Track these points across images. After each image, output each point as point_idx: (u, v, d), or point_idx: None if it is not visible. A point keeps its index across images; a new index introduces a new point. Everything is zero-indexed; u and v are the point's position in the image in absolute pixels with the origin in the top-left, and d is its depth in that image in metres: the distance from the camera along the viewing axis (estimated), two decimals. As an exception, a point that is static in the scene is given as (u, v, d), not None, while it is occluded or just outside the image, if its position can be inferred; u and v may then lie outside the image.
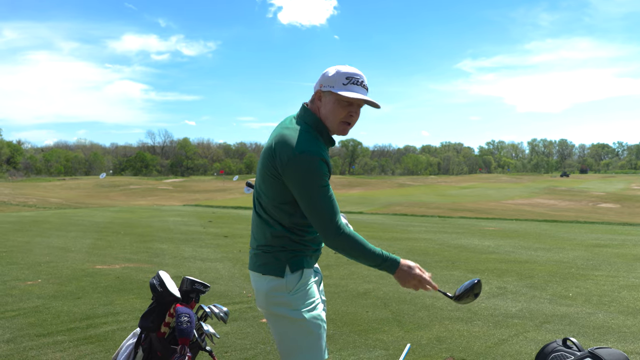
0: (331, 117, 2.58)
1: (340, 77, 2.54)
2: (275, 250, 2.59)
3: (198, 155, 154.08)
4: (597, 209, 40.56)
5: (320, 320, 2.62)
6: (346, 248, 2.51)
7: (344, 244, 2.50)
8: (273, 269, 2.59)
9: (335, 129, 2.61)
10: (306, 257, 2.63)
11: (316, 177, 2.46)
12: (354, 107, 2.59)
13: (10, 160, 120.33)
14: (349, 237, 2.50)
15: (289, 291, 2.57)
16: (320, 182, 2.47)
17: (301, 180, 2.47)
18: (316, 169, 2.46)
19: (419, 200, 44.94)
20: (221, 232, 15.92)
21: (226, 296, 7.08)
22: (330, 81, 2.55)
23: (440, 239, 14.02)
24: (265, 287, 2.60)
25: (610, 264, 9.78)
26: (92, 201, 47.95)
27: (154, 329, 3.21)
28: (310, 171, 2.46)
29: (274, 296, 2.58)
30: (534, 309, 6.44)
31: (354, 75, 2.55)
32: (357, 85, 2.55)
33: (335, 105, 2.56)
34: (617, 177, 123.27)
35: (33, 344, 5.04)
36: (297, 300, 2.57)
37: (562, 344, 3.48)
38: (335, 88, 2.54)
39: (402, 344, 5.08)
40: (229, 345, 5.03)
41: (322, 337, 2.62)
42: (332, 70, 2.58)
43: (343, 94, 2.51)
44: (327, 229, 2.48)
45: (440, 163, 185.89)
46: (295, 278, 2.58)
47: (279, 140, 2.52)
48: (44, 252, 11.03)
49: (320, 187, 2.47)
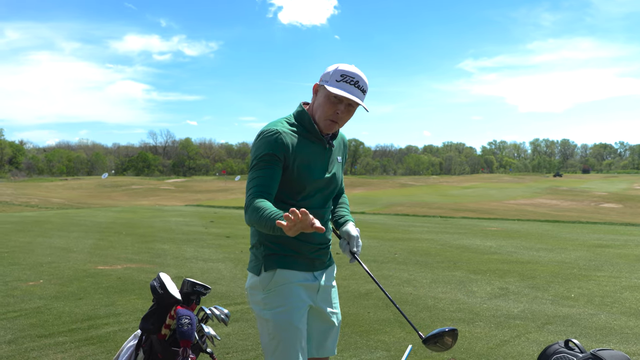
0: (319, 111, 2.60)
1: (336, 74, 2.55)
2: (255, 247, 2.66)
3: (200, 156, 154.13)
4: (600, 209, 40.51)
5: (289, 325, 2.53)
6: (250, 219, 2.39)
7: (247, 215, 2.40)
8: (253, 267, 2.65)
9: (321, 123, 2.61)
10: (285, 257, 2.59)
11: (254, 150, 2.53)
12: (342, 105, 2.56)
13: (13, 160, 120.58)
14: (252, 204, 2.39)
15: (262, 290, 2.58)
16: (255, 155, 2.51)
17: (251, 152, 2.58)
18: (257, 142, 2.53)
19: (421, 200, 44.94)
20: (223, 232, 15.92)
21: (228, 297, 7.08)
22: (327, 76, 2.57)
23: (442, 239, 14.01)
24: (247, 284, 2.68)
25: (612, 264, 9.76)
26: (94, 201, 48.00)
27: (155, 331, 3.20)
28: (254, 145, 2.55)
29: (251, 294, 2.66)
30: (536, 309, 6.43)
31: (348, 74, 2.54)
32: (349, 85, 2.53)
33: (324, 100, 2.57)
34: (619, 177, 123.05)
35: (34, 345, 5.04)
36: (267, 299, 2.57)
37: (564, 346, 3.47)
38: (329, 83, 2.54)
39: (404, 345, 5.07)
40: (230, 347, 5.02)
41: (290, 342, 2.53)
42: (333, 67, 2.59)
43: (331, 89, 2.51)
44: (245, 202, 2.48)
45: (442, 163, 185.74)
46: (267, 277, 2.58)
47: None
48: (46, 253, 11.04)
49: (254, 159, 2.51)
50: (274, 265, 2.58)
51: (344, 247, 2.75)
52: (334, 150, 2.74)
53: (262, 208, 2.32)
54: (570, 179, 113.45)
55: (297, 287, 2.61)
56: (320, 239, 2.67)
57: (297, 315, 2.57)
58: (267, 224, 2.26)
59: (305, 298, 2.64)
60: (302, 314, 2.59)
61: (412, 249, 11.92)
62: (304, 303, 2.62)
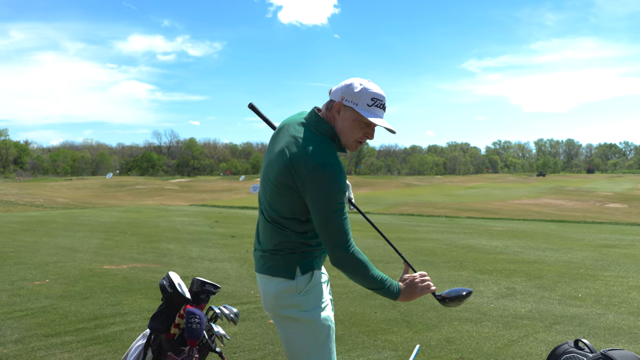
0: (347, 133, 2.53)
1: (366, 97, 2.47)
2: (285, 253, 2.55)
3: (204, 155, 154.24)
4: (605, 209, 40.38)
5: (330, 321, 2.61)
6: (350, 268, 2.49)
7: (350, 264, 2.48)
8: (283, 271, 2.54)
9: (349, 145, 2.57)
10: (316, 259, 2.60)
11: (336, 191, 2.41)
12: (371, 128, 2.54)
13: (18, 160, 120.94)
14: (357, 256, 2.47)
15: (299, 292, 2.53)
16: (339, 196, 2.42)
17: (320, 192, 2.40)
18: (336, 182, 2.40)
19: (426, 200, 44.88)
20: (228, 232, 15.92)
21: (234, 296, 7.07)
22: (355, 97, 2.47)
23: (448, 239, 13.98)
24: (274, 289, 2.56)
25: (619, 264, 9.72)
26: (99, 201, 48.11)
27: (164, 330, 3.19)
28: (331, 183, 2.40)
29: (284, 298, 2.55)
30: (543, 309, 6.40)
31: (378, 98, 2.49)
32: (379, 109, 2.50)
33: (354, 124, 2.51)
34: (624, 177, 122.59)
35: (41, 344, 5.04)
36: (307, 301, 2.55)
37: (573, 346, 3.45)
38: (359, 107, 2.47)
39: (411, 345, 5.06)
40: (237, 346, 5.01)
41: (331, 338, 2.60)
42: (357, 85, 2.48)
43: (371, 119, 2.46)
44: (338, 245, 2.44)
45: (447, 163, 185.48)
46: (305, 279, 2.55)
47: (295, 150, 2.45)
48: (52, 252, 11.05)
49: (339, 202, 2.42)
50: (311, 267, 2.58)
51: None
52: None
53: (370, 265, 2.53)
54: (575, 179, 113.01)
55: (324, 285, 2.68)
56: None
57: (332, 312, 2.69)
58: (375, 281, 2.54)
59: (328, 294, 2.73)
60: (332, 309, 2.73)
61: (417, 249, 11.89)
62: (329, 299, 2.72)
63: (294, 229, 2.52)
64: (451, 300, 2.74)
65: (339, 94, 2.51)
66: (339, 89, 2.52)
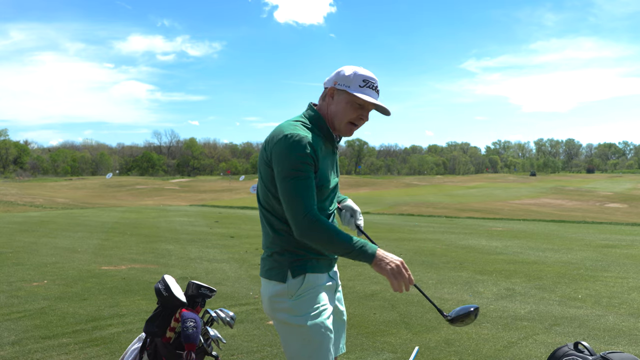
0: (340, 116, 2.58)
1: (358, 79, 2.55)
2: (277, 255, 2.55)
3: (204, 155, 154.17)
4: (605, 209, 40.35)
5: (324, 328, 2.51)
6: (313, 235, 2.40)
7: (311, 230, 2.39)
8: (276, 274, 2.54)
9: (341, 128, 2.60)
10: (310, 261, 2.55)
11: (293, 156, 2.40)
12: (364, 110, 2.59)
13: (18, 160, 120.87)
14: (318, 223, 2.39)
15: (291, 296, 2.51)
16: (296, 163, 2.40)
17: (280, 159, 2.42)
18: (295, 148, 2.40)
19: (426, 200, 44.85)
20: (227, 232, 15.90)
21: (232, 297, 7.05)
22: (347, 81, 2.55)
23: (448, 240, 13.95)
24: (269, 293, 2.56)
25: (619, 265, 9.69)
26: (98, 201, 48.07)
27: (159, 334, 3.17)
28: (290, 149, 2.40)
29: (276, 302, 2.54)
30: (543, 311, 6.38)
31: (370, 79, 2.57)
32: (372, 90, 2.57)
33: (347, 106, 2.56)
34: (624, 177, 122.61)
35: (38, 346, 5.02)
36: (298, 306, 2.50)
37: (573, 348, 3.43)
38: (352, 89, 2.54)
39: (410, 347, 5.03)
40: (236, 348, 4.99)
41: (324, 345, 2.51)
42: (348, 70, 2.57)
43: (359, 95, 2.52)
44: (296, 214, 2.39)
45: (446, 163, 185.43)
46: (296, 283, 2.51)
47: (272, 131, 2.56)
48: (50, 253, 11.03)
49: (295, 169, 2.40)
50: (303, 270, 2.53)
51: (347, 219, 2.85)
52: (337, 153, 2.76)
53: (336, 231, 2.40)
54: (575, 179, 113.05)
55: (323, 290, 2.59)
56: None
57: (329, 318, 2.56)
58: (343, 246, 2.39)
59: (330, 300, 2.64)
60: (330, 316, 2.58)
61: (417, 250, 11.87)
62: (330, 305, 2.61)
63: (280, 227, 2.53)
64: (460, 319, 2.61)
65: (331, 81, 2.60)
66: (331, 77, 2.63)
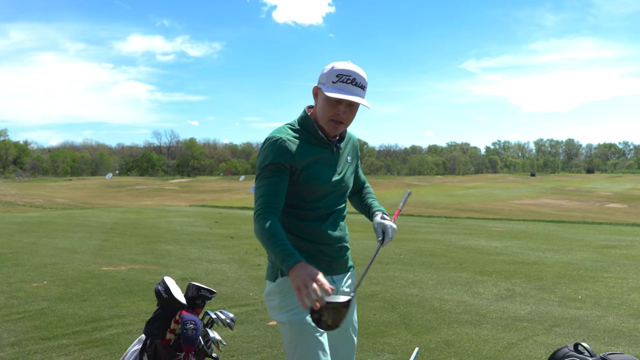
0: (321, 115, 2.56)
1: (332, 75, 2.49)
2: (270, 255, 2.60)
3: (204, 156, 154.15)
4: (605, 209, 40.35)
5: (306, 326, 2.46)
6: (256, 235, 2.42)
7: (255, 230, 2.43)
8: (269, 274, 2.63)
9: (325, 126, 2.58)
10: None
11: (261, 159, 2.53)
12: (343, 105, 2.51)
13: (17, 160, 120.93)
14: (259, 224, 2.39)
15: (280, 295, 2.55)
16: (262, 164, 2.50)
17: (257, 160, 2.58)
18: (264, 151, 2.52)
19: (426, 200, 44.87)
20: (227, 233, 15.89)
21: (232, 298, 7.04)
22: (323, 78, 2.53)
23: (448, 240, 13.95)
24: (265, 292, 2.66)
25: (619, 265, 9.69)
26: (98, 201, 48.06)
27: (159, 336, 3.16)
28: (261, 151, 2.55)
29: (268, 300, 2.63)
30: (543, 311, 6.37)
31: (344, 73, 2.48)
32: (346, 84, 2.47)
33: (324, 103, 2.53)
34: (624, 177, 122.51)
35: (38, 347, 5.01)
36: (283, 303, 2.54)
37: (573, 349, 3.43)
38: (326, 86, 2.51)
39: (410, 348, 5.03)
40: (236, 349, 4.99)
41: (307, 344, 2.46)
42: (328, 67, 2.54)
43: (328, 93, 2.47)
44: (253, 213, 2.47)
45: (446, 163, 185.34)
46: (283, 281, 2.55)
47: None
48: (50, 254, 11.03)
49: (260, 169, 2.51)
50: None
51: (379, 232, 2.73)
52: (342, 152, 2.70)
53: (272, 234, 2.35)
54: (575, 179, 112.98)
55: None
56: (335, 239, 2.64)
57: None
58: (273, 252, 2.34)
59: None
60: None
61: (417, 250, 11.86)
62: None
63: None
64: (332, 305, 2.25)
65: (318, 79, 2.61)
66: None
